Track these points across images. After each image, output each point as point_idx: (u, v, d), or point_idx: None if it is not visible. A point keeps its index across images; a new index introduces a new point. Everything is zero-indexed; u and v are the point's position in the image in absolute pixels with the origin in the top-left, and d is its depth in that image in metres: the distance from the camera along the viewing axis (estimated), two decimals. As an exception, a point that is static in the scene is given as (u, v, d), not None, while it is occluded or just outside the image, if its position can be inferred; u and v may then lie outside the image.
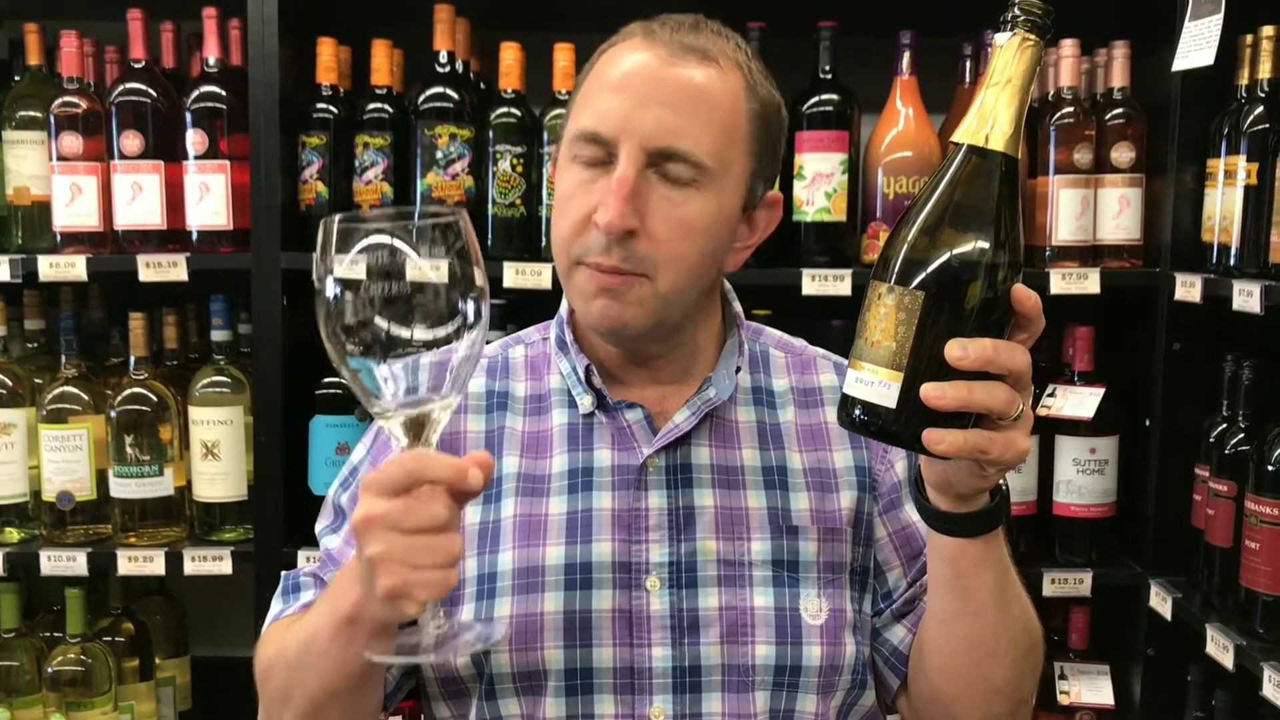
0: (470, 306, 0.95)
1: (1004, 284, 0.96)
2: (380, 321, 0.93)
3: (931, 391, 0.94)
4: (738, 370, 1.31)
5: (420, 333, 0.94)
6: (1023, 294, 0.97)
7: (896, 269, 0.96)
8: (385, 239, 0.93)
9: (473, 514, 1.28)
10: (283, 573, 1.38)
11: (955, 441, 0.95)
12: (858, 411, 0.98)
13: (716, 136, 1.18)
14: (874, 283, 0.98)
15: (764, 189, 1.28)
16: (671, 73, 1.17)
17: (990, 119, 0.97)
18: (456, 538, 0.95)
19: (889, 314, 0.95)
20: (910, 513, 1.30)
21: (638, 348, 1.27)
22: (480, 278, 0.96)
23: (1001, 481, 1.07)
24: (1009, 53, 0.97)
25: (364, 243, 0.93)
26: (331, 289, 0.94)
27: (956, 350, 0.94)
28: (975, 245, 0.95)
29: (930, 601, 1.21)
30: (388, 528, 0.94)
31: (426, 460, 0.95)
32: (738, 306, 1.36)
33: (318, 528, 1.37)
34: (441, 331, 0.94)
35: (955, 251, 0.95)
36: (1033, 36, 0.97)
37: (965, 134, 0.98)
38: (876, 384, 0.96)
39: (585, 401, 1.28)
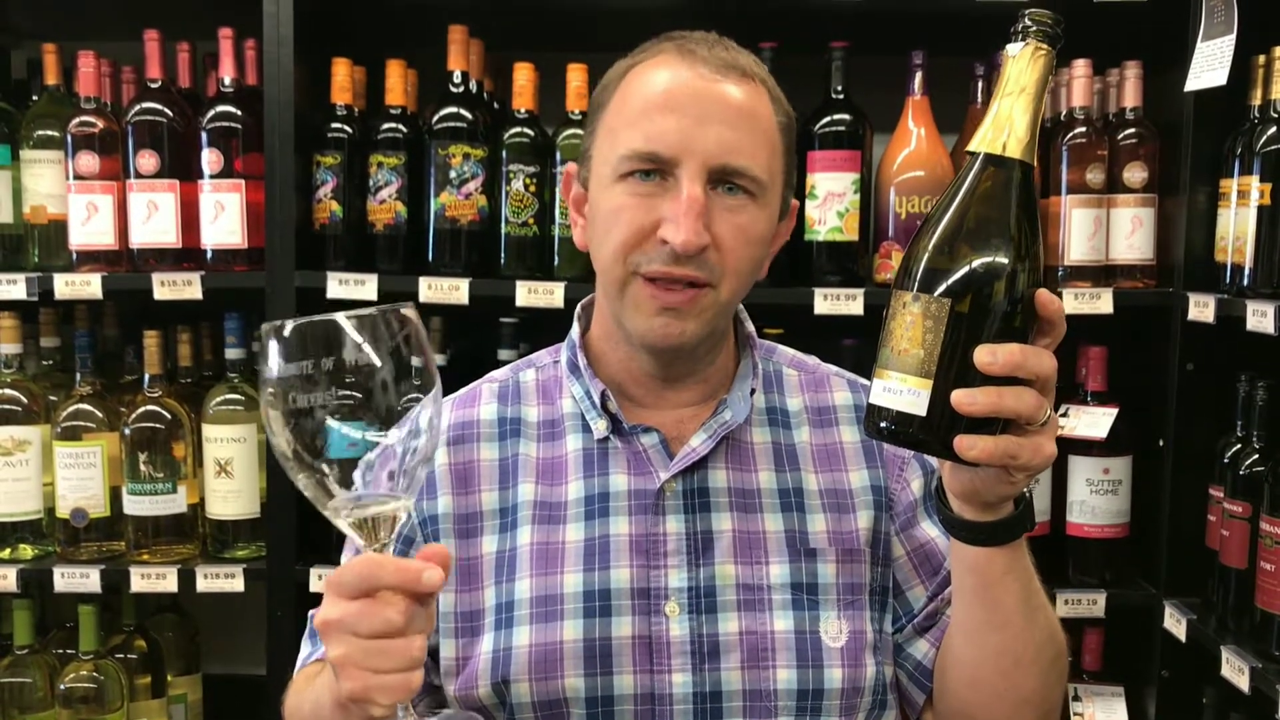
0: (420, 404, 0.94)
1: (1027, 289, 0.97)
2: (326, 420, 0.91)
3: (963, 398, 0.94)
4: (752, 392, 1.31)
5: (366, 432, 0.92)
6: (1046, 298, 0.98)
7: (919, 277, 0.97)
8: (330, 328, 0.91)
9: (490, 543, 1.28)
10: (310, 612, 1.33)
11: (986, 447, 0.95)
12: (885, 421, 0.98)
13: (766, 151, 1.21)
14: (897, 291, 0.99)
15: (790, 197, 1.30)
16: (720, 90, 1.19)
17: (1006, 127, 0.98)
18: (415, 641, 0.95)
19: (915, 322, 0.96)
20: (927, 529, 1.30)
21: (680, 362, 1.27)
22: (430, 375, 0.95)
23: (1026, 489, 1.07)
24: (1022, 62, 0.98)
25: (307, 335, 0.91)
26: (275, 384, 0.92)
27: (985, 356, 0.95)
28: (999, 251, 0.96)
29: (956, 613, 1.20)
30: (345, 631, 0.95)
31: (378, 566, 0.95)
32: (750, 327, 1.36)
33: (344, 557, 1.37)
34: (391, 432, 0.93)
35: (980, 258, 0.96)
36: (1045, 45, 0.98)
37: (982, 143, 0.99)
38: (905, 392, 0.96)
39: (600, 426, 1.28)
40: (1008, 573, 1.11)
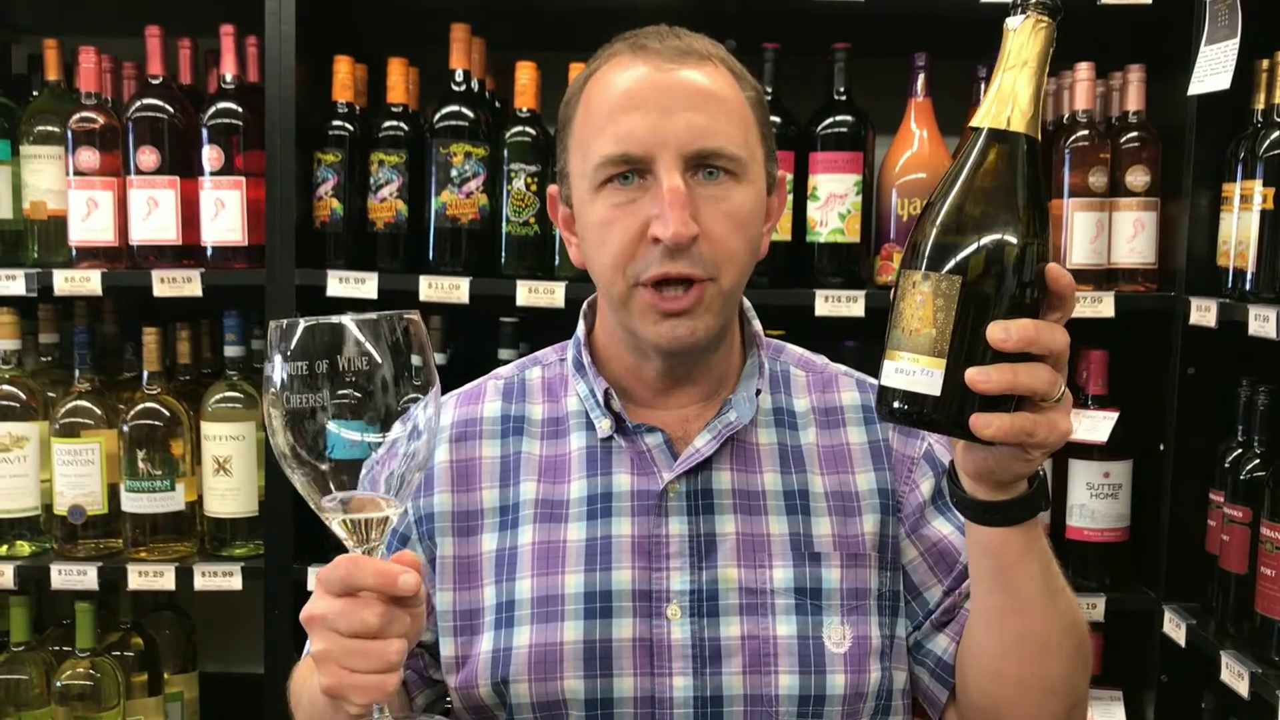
0: (419, 408, 0.95)
1: (1037, 264, 0.96)
2: (325, 421, 0.92)
3: (977, 375, 0.93)
4: (758, 393, 1.29)
5: (365, 434, 0.93)
6: (1056, 273, 0.97)
7: (928, 255, 0.96)
8: (336, 331, 0.92)
9: (490, 541, 1.27)
10: None
11: (1002, 425, 0.94)
12: (898, 402, 0.96)
13: (739, 128, 1.20)
14: (906, 271, 0.98)
15: (774, 170, 1.28)
16: (679, 77, 1.18)
17: (1010, 101, 0.96)
18: (393, 644, 0.96)
19: (926, 301, 0.95)
20: (939, 526, 1.28)
21: (689, 361, 1.26)
22: (431, 378, 0.96)
23: (1039, 467, 1.06)
24: (1023, 35, 0.97)
25: (312, 337, 0.92)
26: (278, 384, 0.93)
27: (999, 332, 0.93)
28: (1008, 226, 0.95)
29: (975, 602, 1.18)
30: (327, 628, 0.97)
31: (357, 567, 0.96)
32: (757, 325, 1.35)
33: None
34: (387, 433, 0.94)
35: (989, 234, 0.95)
36: (1045, 18, 0.97)
37: (985, 118, 0.98)
38: (918, 372, 0.95)
39: (604, 425, 1.27)
40: (1025, 554, 1.10)
